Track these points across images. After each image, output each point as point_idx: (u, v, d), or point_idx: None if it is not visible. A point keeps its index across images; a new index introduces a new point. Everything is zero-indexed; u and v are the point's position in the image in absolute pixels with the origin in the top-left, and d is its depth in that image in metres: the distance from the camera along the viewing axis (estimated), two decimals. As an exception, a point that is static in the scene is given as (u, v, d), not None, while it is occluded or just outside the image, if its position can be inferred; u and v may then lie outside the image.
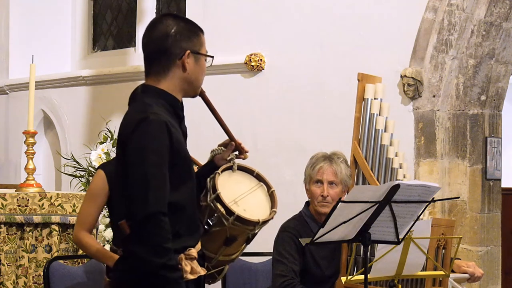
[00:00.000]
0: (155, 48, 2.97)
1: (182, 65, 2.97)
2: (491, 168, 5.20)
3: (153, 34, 2.98)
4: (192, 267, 2.93)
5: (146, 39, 3.01)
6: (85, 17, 7.40)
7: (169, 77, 2.98)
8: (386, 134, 4.19)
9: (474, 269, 4.12)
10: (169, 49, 2.96)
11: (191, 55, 2.99)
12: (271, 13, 5.81)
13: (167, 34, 2.96)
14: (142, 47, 3.03)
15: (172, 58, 2.96)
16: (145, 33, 3.02)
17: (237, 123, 5.92)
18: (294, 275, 4.07)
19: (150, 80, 3.00)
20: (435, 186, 3.48)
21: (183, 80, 3.00)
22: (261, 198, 3.37)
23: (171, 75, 2.98)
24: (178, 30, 2.98)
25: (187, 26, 3.03)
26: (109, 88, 6.65)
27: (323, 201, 4.10)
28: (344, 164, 4.15)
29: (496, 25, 5.15)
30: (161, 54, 2.96)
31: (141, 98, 2.96)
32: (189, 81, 3.02)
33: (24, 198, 5.13)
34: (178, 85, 3.00)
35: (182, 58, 2.97)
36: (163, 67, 2.97)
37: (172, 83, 2.98)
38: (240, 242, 3.28)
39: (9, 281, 5.11)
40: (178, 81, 2.99)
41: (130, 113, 2.93)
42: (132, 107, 2.97)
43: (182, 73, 2.99)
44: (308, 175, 4.18)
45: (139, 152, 2.81)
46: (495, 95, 5.26)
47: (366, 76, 4.28)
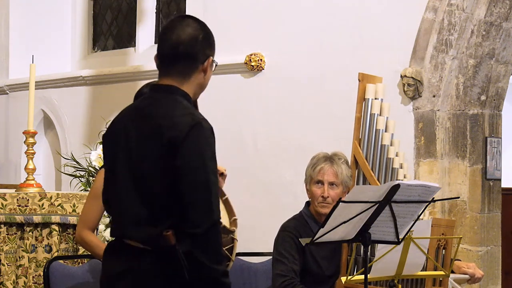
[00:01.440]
0: (183, 51, 2.96)
1: (203, 71, 2.99)
2: (491, 168, 5.20)
3: (182, 35, 2.96)
4: None
5: (174, 40, 2.97)
6: (85, 17, 7.40)
7: (191, 81, 2.98)
8: (387, 134, 4.19)
9: (474, 270, 4.12)
10: (197, 54, 2.96)
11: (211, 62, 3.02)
12: (271, 13, 5.81)
13: (196, 38, 2.96)
14: (164, 46, 3.00)
15: (197, 63, 2.97)
16: (169, 34, 2.99)
17: (237, 123, 5.93)
18: (294, 275, 4.07)
19: (170, 80, 2.98)
20: (435, 186, 3.48)
21: (199, 85, 3.02)
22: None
23: (193, 79, 2.98)
24: (204, 35, 2.99)
25: (209, 32, 3.04)
26: (109, 88, 6.65)
27: (324, 202, 4.10)
28: (345, 165, 4.15)
29: (496, 25, 5.15)
30: (188, 58, 2.96)
31: (174, 98, 2.94)
32: (202, 86, 3.04)
33: (24, 198, 5.13)
34: (194, 89, 3.01)
35: (204, 64, 2.99)
36: (187, 70, 2.97)
37: (192, 87, 2.99)
38: None
39: (9, 281, 5.11)
40: (196, 86, 3.00)
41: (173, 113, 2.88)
42: (168, 106, 2.92)
43: (202, 79, 3.01)
44: (309, 176, 4.18)
45: (199, 158, 2.81)
46: (495, 95, 5.26)
47: (367, 76, 4.28)
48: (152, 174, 2.86)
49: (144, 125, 2.92)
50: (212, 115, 5.93)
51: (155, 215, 2.87)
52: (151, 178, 2.87)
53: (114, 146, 3.00)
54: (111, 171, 3.00)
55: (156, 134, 2.87)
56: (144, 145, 2.89)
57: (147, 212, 2.87)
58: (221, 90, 5.99)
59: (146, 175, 2.87)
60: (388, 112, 4.24)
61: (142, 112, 2.97)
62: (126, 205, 2.93)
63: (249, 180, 5.70)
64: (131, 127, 2.96)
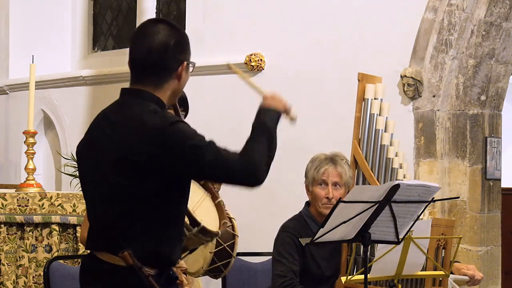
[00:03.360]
0: (154, 59, 2.87)
1: (177, 77, 2.90)
2: (491, 168, 5.20)
3: (152, 43, 2.86)
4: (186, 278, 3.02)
5: (143, 47, 2.87)
6: (85, 17, 7.40)
7: (164, 88, 2.89)
8: (386, 134, 4.20)
9: (474, 271, 4.12)
10: (169, 61, 2.87)
11: (185, 66, 2.92)
12: (271, 13, 5.81)
13: (167, 46, 2.86)
14: (135, 53, 2.90)
15: (170, 70, 2.88)
16: (140, 40, 2.89)
17: (237, 123, 5.93)
18: (294, 275, 4.07)
19: (141, 86, 2.89)
20: (435, 186, 3.49)
21: (173, 91, 2.93)
22: (210, 208, 3.30)
23: (167, 86, 2.90)
24: (176, 41, 2.89)
25: (182, 35, 2.94)
26: (109, 88, 6.65)
27: (328, 203, 4.09)
28: (347, 165, 4.15)
29: (496, 25, 5.15)
30: (159, 66, 2.87)
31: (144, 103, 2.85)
32: (177, 92, 2.95)
33: (24, 198, 5.13)
34: (169, 95, 2.92)
35: (177, 70, 2.89)
36: (160, 78, 2.88)
37: (165, 94, 2.90)
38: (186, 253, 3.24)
39: (9, 281, 5.11)
40: (170, 92, 2.92)
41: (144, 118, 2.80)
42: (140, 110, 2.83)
43: (176, 85, 2.92)
44: (312, 177, 4.17)
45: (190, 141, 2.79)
46: (495, 95, 5.26)
47: (367, 76, 4.28)
48: (119, 183, 2.77)
49: (113, 131, 2.83)
50: (212, 115, 5.97)
51: (118, 231, 2.79)
52: (116, 189, 2.78)
53: (85, 155, 2.92)
54: (83, 182, 2.93)
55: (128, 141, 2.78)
56: (112, 153, 2.80)
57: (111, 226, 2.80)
58: (221, 90, 5.99)
59: (111, 184, 2.78)
60: (387, 112, 4.24)
61: (111, 118, 2.88)
62: (95, 218, 2.87)
63: (249, 180, 5.69)
64: (100, 134, 2.88)
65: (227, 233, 3.58)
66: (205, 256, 3.54)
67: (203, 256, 3.55)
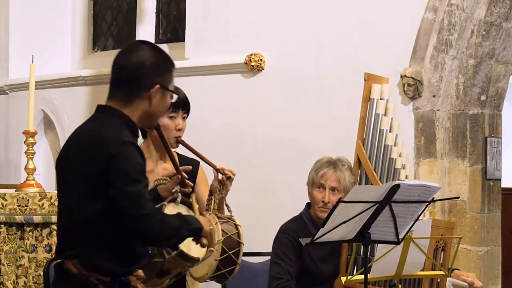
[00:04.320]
0: (127, 75, 2.94)
1: (149, 98, 2.93)
2: (491, 168, 5.20)
3: (129, 60, 2.95)
4: (143, 286, 3.01)
5: (120, 63, 2.97)
6: (85, 17, 7.40)
7: (133, 106, 2.93)
8: (391, 134, 4.20)
9: (473, 279, 4.12)
10: (140, 80, 2.92)
11: (159, 90, 2.94)
12: (271, 13, 5.81)
13: (142, 64, 2.92)
14: (113, 69, 2.98)
15: (141, 90, 2.92)
16: (119, 57, 2.99)
17: (237, 123, 5.93)
18: (290, 277, 4.07)
19: (113, 103, 2.96)
20: (435, 186, 3.49)
21: (145, 113, 2.96)
22: None
23: (136, 105, 2.94)
24: (153, 62, 2.94)
25: (163, 60, 2.98)
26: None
27: (324, 207, 4.09)
28: (348, 171, 4.13)
29: (496, 25, 5.15)
30: (130, 83, 2.93)
31: (108, 119, 2.93)
32: (150, 115, 2.98)
33: (24, 198, 5.13)
34: (139, 115, 2.95)
35: (150, 91, 2.93)
36: (129, 95, 2.93)
37: (135, 113, 2.94)
38: (171, 276, 3.26)
39: (9, 281, 5.11)
40: (140, 113, 2.95)
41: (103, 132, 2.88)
42: (101, 125, 2.92)
43: (147, 106, 2.94)
44: (311, 179, 4.17)
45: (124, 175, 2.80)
46: (495, 95, 5.26)
47: (373, 76, 4.29)
48: (77, 197, 2.87)
49: (78, 147, 2.92)
50: (212, 115, 5.97)
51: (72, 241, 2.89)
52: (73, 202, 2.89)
53: (58, 167, 3.01)
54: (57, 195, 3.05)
55: (84, 156, 2.87)
56: (74, 167, 2.90)
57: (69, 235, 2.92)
58: (221, 90, 5.99)
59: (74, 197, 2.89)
60: (393, 113, 4.25)
61: (81, 132, 2.97)
62: (60, 226, 2.99)
63: (249, 180, 5.69)
64: (70, 148, 2.97)
65: (232, 240, 3.60)
66: (210, 264, 3.55)
67: (208, 263, 3.56)
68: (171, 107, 3.70)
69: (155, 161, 3.79)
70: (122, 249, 2.88)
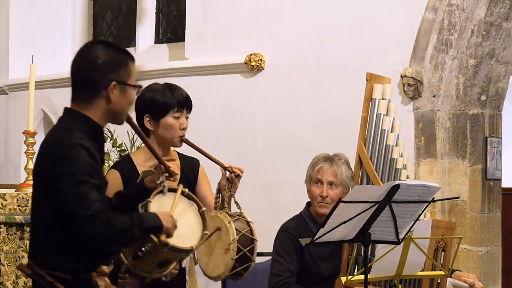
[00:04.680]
0: (81, 77, 2.98)
1: (106, 96, 2.96)
2: (491, 168, 5.20)
3: (81, 62, 2.99)
4: (106, 282, 3.01)
5: (74, 66, 3.01)
6: (85, 17, 7.40)
7: (93, 107, 2.97)
8: (392, 134, 4.20)
9: (474, 280, 4.12)
10: (95, 80, 2.95)
11: (117, 86, 2.96)
12: (271, 13, 5.81)
13: (94, 64, 2.95)
14: (70, 72, 3.03)
15: (97, 89, 2.95)
16: (74, 59, 3.03)
17: (237, 123, 5.93)
18: (290, 274, 4.08)
19: (74, 105, 3.01)
20: (435, 186, 3.49)
21: (107, 111, 2.99)
22: (192, 219, 3.31)
23: (96, 105, 2.97)
24: (105, 60, 2.96)
25: (116, 56, 3.00)
26: (109, 88, 6.64)
27: (322, 201, 4.10)
28: (345, 165, 4.14)
29: (496, 25, 5.15)
30: (87, 84, 2.96)
31: (65, 121, 2.99)
32: (113, 112, 3.00)
33: (24, 198, 5.13)
34: (101, 114, 2.98)
35: (107, 89, 2.95)
36: (88, 96, 2.97)
37: (96, 113, 2.98)
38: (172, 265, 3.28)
39: (9, 281, 5.11)
40: (102, 112, 2.98)
41: (55, 135, 2.96)
42: (56, 128, 3.01)
43: (106, 105, 2.97)
44: (309, 175, 4.18)
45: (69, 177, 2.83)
46: (495, 95, 5.26)
47: (375, 76, 4.29)
48: (36, 199, 2.95)
49: (40, 148, 2.99)
50: (212, 115, 5.97)
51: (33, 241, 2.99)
52: (34, 202, 2.96)
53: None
54: None
55: (38, 160, 2.96)
56: (33, 172, 3.00)
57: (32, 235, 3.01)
58: (221, 90, 5.99)
59: (34, 199, 2.97)
60: (394, 113, 4.25)
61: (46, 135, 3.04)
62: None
63: (249, 180, 5.67)
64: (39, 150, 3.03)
65: (246, 238, 3.61)
66: (227, 263, 3.57)
67: (224, 263, 3.57)
68: (176, 107, 3.72)
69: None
70: (79, 248, 2.90)
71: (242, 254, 3.58)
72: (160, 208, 3.19)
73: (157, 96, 3.75)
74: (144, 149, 3.83)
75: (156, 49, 6.80)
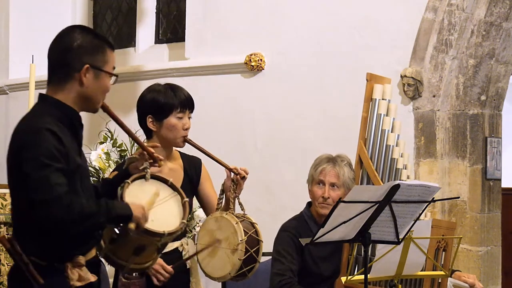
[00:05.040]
0: (56, 59, 2.98)
1: (79, 79, 2.95)
2: (491, 168, 5.20)
3: (58, 45, 2.98)
4: (80, 274, 2.97)
5: (51, 49, 3.01)
6: (85, 17, 7.40)
7: (66, 90, 2.97)
8: (392, 134, 4.20)
9: (474, 280, 4.12)
10: (69, 62, 2.95)
11: (91, 70, 2.95)
12: (271, 13, 5.81)
13: (70, 47, 2.95)
14: (47, 57, 3.02)
15: (70, 71, 2.95)
16: (51, 43, 3.02)
17: (237, 123, 5.93)
18: (292, 274, 4.08)
19: (49, 89, 3.01)
20: (435, 186, 3.49)
21: (79, 95, 2.98)
22: (173, 208, 3.28)
23: (68, 87, 2.97)
24: (81, 44, 2.96)
25: (93, 40, 2.99)
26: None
27: (324, 202, 4.10)
28: (347, 167, 4.14)
29: (496, 25, 5.15)
30: (61, 66, 2.96)
31: (37, 107, 3.00)
32: (85, 96, 3.00)
33: (24, 198, 5.12)
34: (74, 98, 2.98)
35: (80, 72, 2.94)
36: (61, 79, 2.97)
37: (68, 96, 2.98)
38: (150, 251, 3.23)
39: (9, 281, 5.10)
40: (74, 95, 2.98)
41: (24, 122, 2.97)
42: (27, 115, 3.01)
43: (79, 88, 2.97)
44: (311, 176, 4.18)
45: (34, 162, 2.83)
46: (495, 95, 5.26)
47: (375, 77, 4.29)
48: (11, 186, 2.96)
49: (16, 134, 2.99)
50: (212, 115, 5.97)
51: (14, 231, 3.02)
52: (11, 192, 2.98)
53: None
54: None
55: (9, 145, 2.97)
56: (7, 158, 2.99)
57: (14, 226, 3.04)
58: (221, 90, 5.99)
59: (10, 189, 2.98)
60: (395, 113, 4.25)
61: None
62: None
63: (249, 180, 5.69)
64: None
65: (252, 239, 3.62)
66: (234, 263, 3.57)
67: (231, 263, 3.57)
68: (179, 107, 3.72)
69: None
70: (45, 234, 2.89)
71: (249, 254, 3.58)
72: (140, 192, 3.17)
73: (159, 97, 3.75)
74: None
75: (156, 49, 6.80)
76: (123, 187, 3.17)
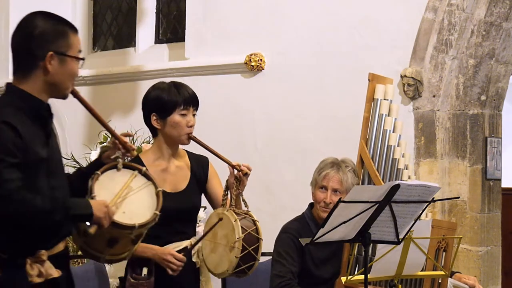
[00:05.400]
0: (19, 48, 2.92)
1: (44, 67, 2.89)
2: (491, 168, 5.20)
3: (19, 34, 2.92)
4: (40, 270, 2.90)
5: (13, 38, 2.94)
6: (85, 17, 7.39)
7: (31, 79, 2.91)
8: (394, 134, 4.20)
9: (474, 282, 4.12)
10: (32, 51, 2.88)
11: (55, 57, 2.88)
12: (271, 13, 5.81)
13: (31, 35, 2.89)
14: (10, 45, 2.96)
15: (34, 60, 2.89)
16: (13, 32, 2.96)
17: (237, 123, 5.93)
18: (292, 276, 4.07)
19: (15, 79, 2.95)
20: (435, 186, 3.49)
21: (45, 83, 2.91)
22: (146, 198, 3.18)
23: (33, 77, 2.90)
24: (43, 30, 2.89)
25: (55, 26, 2.92)
26: (109, 88, 6.65)
27: (325, 207, 4.09)
28: (351, 173, 4.12)
29: (496, 25, 5.15)
30: (24, 55, 2.90)
31: (0, 98, 2.91)
32: (53, 84, 2.93)
33: (24, 198, 5.11)
34: (41, 87, 2.92)
35: (44, 60, 2.88)
36: (26, 68, 2.90)
37: (34, 85, 2.91)
38: (125, 243, 3.15)
39: (9, 281, 5.10)
40: (40, 84, 2.91)
41: None
42: None
43: (45, 76, 2.90)
44: (314, 179, 4.17)
45: None
46: (495, 95, 5.26)
47: (377, 77, 4.29)
48: None
49: None
50: (212, 115, 5.97)
51: None
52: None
53: None
54: None
55: None
56: None
57: None
58: (221, 90, 5.99)
59: None
60: (396, 114, 4.25)
61: None
62: None
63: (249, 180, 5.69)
64: None
65: (251, 236, 3.62)
66: (231, 261, 3.58)
67: (228, 260, 3.59)
68: (182, 104, 3.73)
69: (167, 159, 3.81)
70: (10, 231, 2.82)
71: (246, 252, 3.59)
72: (111, 183, 3.10)
73: (163, 95, 3.75)
74: (153, 148, 3.84)
75: (156, 49, 6.80)
76: (92, 178, 3.09)
